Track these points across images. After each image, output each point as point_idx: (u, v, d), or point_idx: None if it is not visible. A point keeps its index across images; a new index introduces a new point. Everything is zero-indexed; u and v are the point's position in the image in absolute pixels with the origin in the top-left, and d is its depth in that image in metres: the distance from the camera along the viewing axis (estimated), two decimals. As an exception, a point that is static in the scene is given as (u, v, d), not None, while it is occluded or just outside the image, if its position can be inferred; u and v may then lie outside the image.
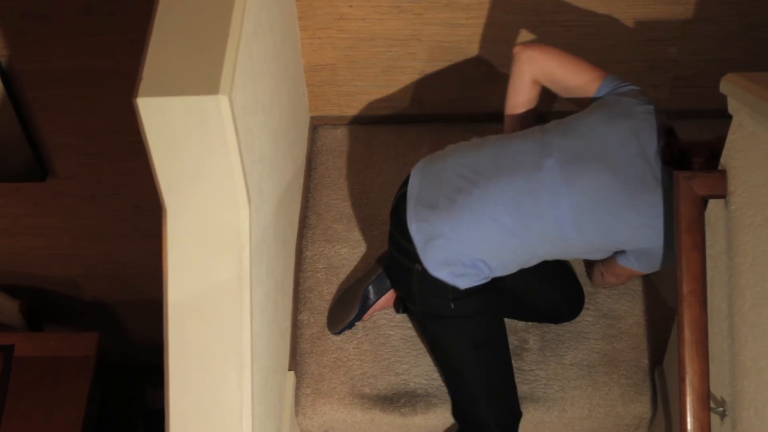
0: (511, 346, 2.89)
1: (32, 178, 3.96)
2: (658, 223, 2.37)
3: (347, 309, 2.92)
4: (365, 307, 2.90)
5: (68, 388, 4.11)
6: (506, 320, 2.92)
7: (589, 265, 2.98)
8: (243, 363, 2.15)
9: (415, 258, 2.52)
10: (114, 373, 4.60)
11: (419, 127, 3.48)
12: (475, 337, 2.63)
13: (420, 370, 2.87)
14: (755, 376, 2.00)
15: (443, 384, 2.84)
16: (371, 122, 3.51)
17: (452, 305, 2.55)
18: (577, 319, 2.94)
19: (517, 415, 2.72)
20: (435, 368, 2.87)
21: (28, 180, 3.98)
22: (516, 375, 2.83)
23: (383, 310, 2.98)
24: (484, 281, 2.54)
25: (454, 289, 2.52)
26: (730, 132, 2.14)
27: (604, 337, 2.91)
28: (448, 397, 2.81)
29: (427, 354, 2.89)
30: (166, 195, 2.09)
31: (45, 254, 4.41)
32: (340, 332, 2.93)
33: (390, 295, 2.92)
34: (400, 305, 2.96)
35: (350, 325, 2.93)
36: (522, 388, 2.81)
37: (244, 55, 2.12)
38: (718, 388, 2.24)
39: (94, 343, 4.26)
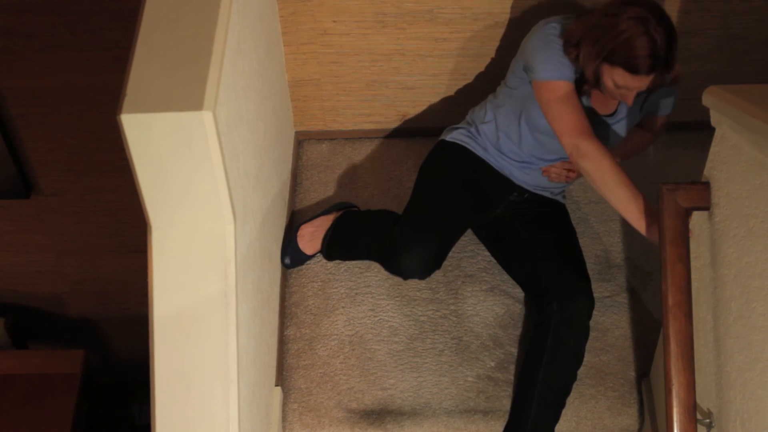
0: (497, 360, 2.89)
1: (17, 195, 3.95)
2: None
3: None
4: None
5: (54, 406, 4.10)
6: (493, 333, 2.94)
7: None
8: (229, 379, 2.15)
9: None
10: (100, 390, 4.59)
11: (404, 141, 3.49)
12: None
13: (407, 385, 2.87)
14: (741, 388, 2.01)
15: (430, 399, 2.84)
16: (356, 137, 3.52)
17: None
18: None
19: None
20: (422, 383, 2.87)
21: (13, 197, 3.97)
22: (503, 388, 2.84)
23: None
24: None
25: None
26: (713, 144, 2.16)
27: (591, 350, 2.91)
28: (435, 413, 2.81)
29: (414, 369, 2.89)
30: (151, 211, 2.08)
31: (30, 271, 4.40)
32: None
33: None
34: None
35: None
36: (509, 402, 2.81)
37: (228, 71, 2.12)
38: (704, 400, 2.25)
39: (80, 360, 4.25)
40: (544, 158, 2.80)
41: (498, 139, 2.83)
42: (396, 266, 2.73)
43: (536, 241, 2.87)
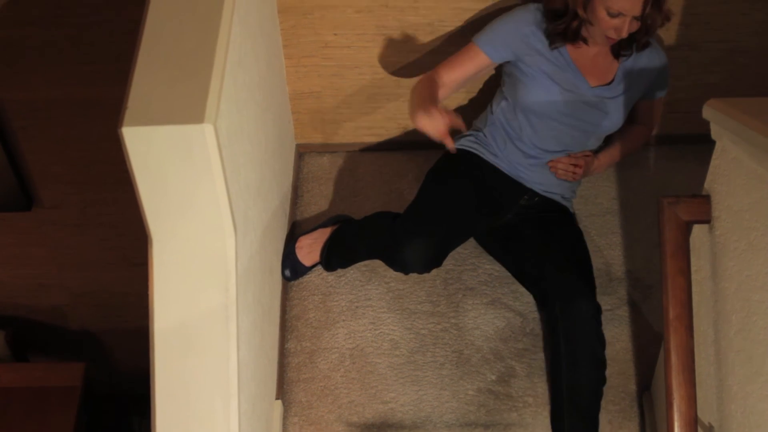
0: (498, 373, 2.89)
1: (18, 207, 3.95)
2: None
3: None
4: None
5: (54, 419, 4.09)
6: (494, 347, 2.93)
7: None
8: (230, 392, 2.14)
9: None
10: (100, 403, 4.58)
11: (405, 154, 3.49)
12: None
13: (407, 398, 2.86)
14: (742, 401, 2.00)
15: (430, 413, 2.83)
16: (357, 149, 3.52)
17: None
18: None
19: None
20: (422, 397, 2.86)
21: (14, 210, 3.97)
22: (504, 401, 2.83)
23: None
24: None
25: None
26: (713, 157, 2.15)
27: (592, 363, 2.91)
28: (435, 426, 2.80)
29: (414, 382, 2.89)
30: (152, 224, 2.08)
31: (31, 284, 4.39)
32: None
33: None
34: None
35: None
36: (511, 416, 2.81)
37: (229, 84, 2.13)
38: (705, 414, 2.25)
39: (81, 373, 4.24)
40: (547, 149, 2.82)
41: (505, 139, 2.87)
42: (397, 258, 2.70)
43: (543, 243, 2.87)
